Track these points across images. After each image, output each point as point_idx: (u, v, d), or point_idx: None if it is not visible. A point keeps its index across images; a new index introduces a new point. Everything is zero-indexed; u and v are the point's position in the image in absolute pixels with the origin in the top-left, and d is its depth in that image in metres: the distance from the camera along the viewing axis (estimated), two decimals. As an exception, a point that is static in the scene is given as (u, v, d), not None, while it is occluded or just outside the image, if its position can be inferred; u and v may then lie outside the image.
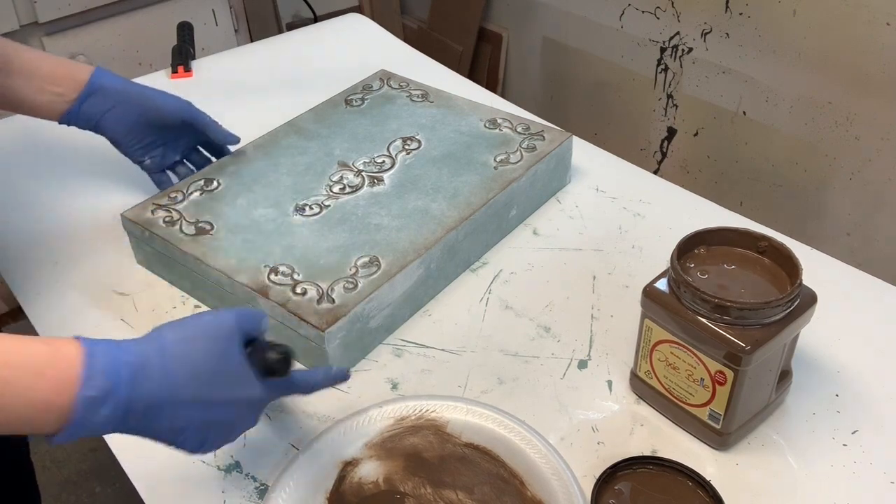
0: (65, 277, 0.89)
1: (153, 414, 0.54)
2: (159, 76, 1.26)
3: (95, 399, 0.51)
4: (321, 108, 1.04)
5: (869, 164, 1.50)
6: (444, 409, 0.70)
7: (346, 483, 0.66)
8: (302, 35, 1.42)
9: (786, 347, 0.66)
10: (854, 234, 1.58)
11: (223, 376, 0.57)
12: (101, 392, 0.51)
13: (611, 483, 0.63)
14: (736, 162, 1.75)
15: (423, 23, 2.40)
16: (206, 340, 0.57)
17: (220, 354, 0.57)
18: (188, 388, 0.55)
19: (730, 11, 1.62)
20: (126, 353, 0.53)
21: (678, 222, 0.92)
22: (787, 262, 0.65)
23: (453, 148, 0.95)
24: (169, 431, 0.56)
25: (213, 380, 0.56)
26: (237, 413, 0.59)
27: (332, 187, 0.90)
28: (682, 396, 0.68)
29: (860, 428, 0.70)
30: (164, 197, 0.89)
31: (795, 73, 1.55)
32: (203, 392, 0.56)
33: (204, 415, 0.56)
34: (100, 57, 1.73)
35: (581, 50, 2.00)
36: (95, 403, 0.51)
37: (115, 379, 0.52)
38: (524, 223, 0.95)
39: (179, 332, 0.57)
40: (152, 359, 0.54)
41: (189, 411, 0.55)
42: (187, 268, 0.83)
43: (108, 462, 1.25)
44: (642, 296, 0.67)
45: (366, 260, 0.80)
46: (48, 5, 1.63)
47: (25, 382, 0.50)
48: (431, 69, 1.27)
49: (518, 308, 0.83)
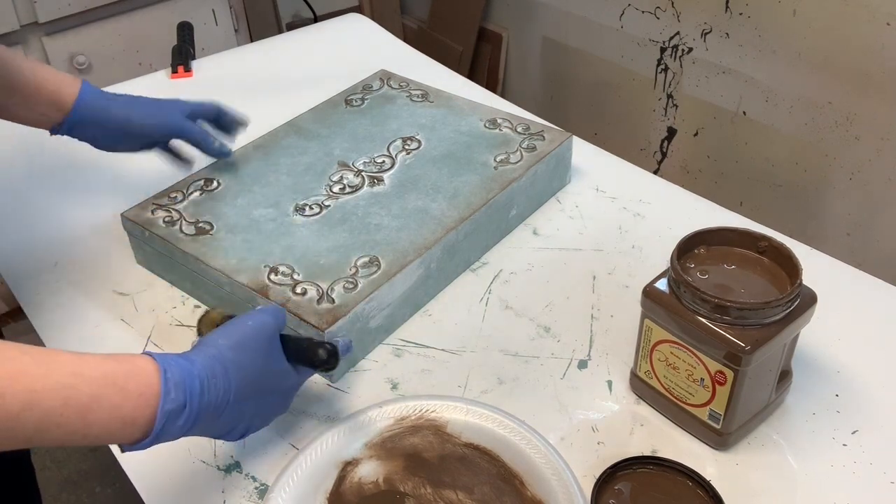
0: (65, 277, 0.89)
1: (217, 417, 0.58)
2: (159, 76, 1.26)
3: (174, 412, 0.54)
4: (321, 108, 1.04)
5: (869, 164, 1.50)
6: (444, 409, 0.70)
7: (346, 483, 0.66)
8: (302, 35, 1.42)
9: (786, 347, 0.66)
10: (854, 234, 1.58)
11: (271, 374, 0.62)
12: (178, 405, 0.54)
13: (611, 483, 0.63)
14: (736, 162, 1.75)
15: (423, 23, 2.40)
16: (256, 342, 0.61)
17: (266, 355, 0.62)
18: (244, 390, 0.59)
19: (730, 11, 1.62)
20: (193, 365, 0.57)
21: (678, 222, 0.92)
22: (787, 262, 0.65)
23: (453, 148, 0.95)
24: (224, 428, 0.61)
25: (263, 379, 0.61)
26: (276, 403, 0.65)
27: (332, 187, 0.90)
28: (682, 396, 0.68)
29: (860, 428, 0.70)
30: (164, 197, 0.89)
31: (795, 73, 1.55)
32: (255, 390, 0.61)
33: (254, 410, 0.62)
34: (100, 57, 1.73)
35: (581, 50, 2.00)
36: (174, 416, 0.54)
37: (189, 392, 0.55)
38: (524, 223, 0.95)
39: (231, 340, 0.60)
40: (215, 369, 0.57)
41: (243, 409, 0.60)
42: (187, 268, 0.83)
43: (108, 462, 1.25)
44: (642, 296, 0.67)
45: (366, 260, 0.80)
46: (48, 5, 1.63)
47: (112, 399, 0.52)
48: (431, 69, 1.27)
49: (518, 308, 0.83)
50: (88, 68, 1.72)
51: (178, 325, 0.83)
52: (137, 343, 0.80)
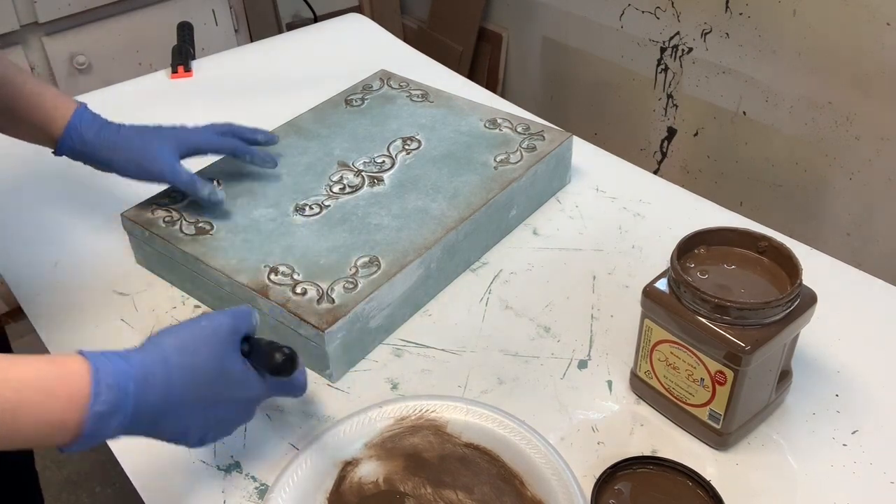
0: (65, 277, 0.89)
1: (158, 420, 0.56)
2: (159, 76, 1.26)
3: (104, 413, 0.52)
4: (321, 108, 1.04)
5: (869, 164, 1.50)
6: (444, 409, 0.70)
7: (346, 483, 0.66)
8: (302, 35, 1.42)
9: (786, 347, 0.66)
10: (854, 234, 1.58)
11: (223, 379, 0.59)
12: (109, 406, 0.52)
13: (611, 483, 0.63)
14: (736, 162, 1.75)
15: (423, 23, 2.40)
16: (206, 346, 0.58)
17: (219, 359, 0.59)
18: (190, 394, 0.57)
19: (730, 11, 1.62)
20: (130, 365, 0.55)
21: (678, 222, 0.92)
22: (787, 262, 0.65)
23: (453, 148, 0.95)
24: (173, 433, 0.58)
25: (213, 383, 0.58)
26: (237, 410, 0.61)
27: (332, 187, 0.90)
28: (682, 396, 0.68)
29: (860, 428, 0.70)
30: (165, 197, 0.89)
31: (795, 73, 1.55)
32: (204, 394, 0.58)
33: (206, 414, 0.59)
34: (100, 57, 1.73)
35: (581, 50, 2.00)
36: (105, 417, 0.52)
37: (121, 393, 0.53)
38: (524, 223, 0.94)
39: (179, 340, 0.58)
40: (155, 369, 0.56)
41: (192, 413, 0.58)
42: (187, 268, 0.83)
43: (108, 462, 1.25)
44: (642, 296, 0.67)
45: (366, 260, 0.80)
46: (48, 5, 1.63)
47: (39, 403, 0.51)
48: (431, 69, 1.27)
49: (518, 308, 0.83)
50: (88, 68, 1.72)
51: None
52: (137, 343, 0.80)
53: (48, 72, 1.71)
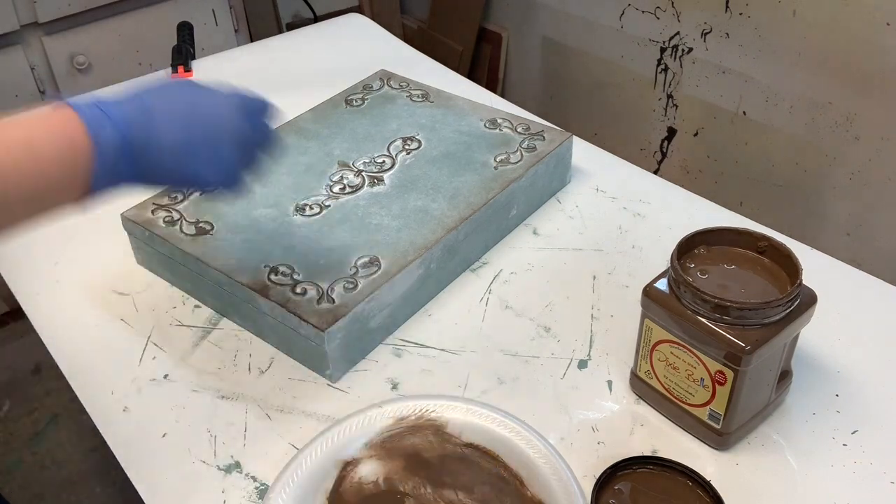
0: (65, 277, 0.89)
1: (150, 141, 0.58)
2: (159, 76, 1.26)
3: (102, 132, 0.55)
4: (321, 108, 1.04)
5: (869, 164, 1.50)
6: (444, 409, 0.70)
7: (346, 483, 0.66)
8: (302, 35, 1.42)
9: (786, 347, 0.66)
10: (854, 234, 1.58)
11: (208, 105, 0.62)
12: (105, 131, 0.55)
13: (611, 483, 0.63)
14: (736, 162, 1.75)
15: (423, 23, 2.40)
16: (180, 84, 0.64)
17: (196, 90, 0.63)
18: (180, 123, 0.60)
19: (730, 11, 1.62)
20: (111, 104, 0.57)
21: (678, 222, 0.92)
22: (787, 262, 0.65)
23: (453, 148, 0.95)
24: (168, 168, 0.60)
25: (196, 111, 0.61)
26: (228, 149, 0.62)
27: (333, 187, 0.90)
28: (682, 396, 0.68)
29: (860, 428, 0.70)
30: (165, 197, 0.89)
31: (795, 73, 1.55)
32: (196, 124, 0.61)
33: (199, 150, 0.61)
34: (100, 57, 1.73)
35: (581, 50, 2.00)
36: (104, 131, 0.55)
37: (105, 118, 0.56)
38: (524, 223, 0.95)
39: (152, 87, 0.61)
40: (130, 104, 0.58)
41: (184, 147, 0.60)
42: (187, 268, 0.83)
43: (108, 462, 1.25)
44: (642, 296, 0.67)
45: (366, 260, 0.80)
46: (48, 5, 1.63)
47: (47, 133, 0.53)
48: (431, 69, 1.27)
49: (518, 308, 0.83)
50: (88, 68, 1.73)
51: (179, 325, 0.83)
52: (137, 343, 0.80)
53: (48, 72, 1.71)
